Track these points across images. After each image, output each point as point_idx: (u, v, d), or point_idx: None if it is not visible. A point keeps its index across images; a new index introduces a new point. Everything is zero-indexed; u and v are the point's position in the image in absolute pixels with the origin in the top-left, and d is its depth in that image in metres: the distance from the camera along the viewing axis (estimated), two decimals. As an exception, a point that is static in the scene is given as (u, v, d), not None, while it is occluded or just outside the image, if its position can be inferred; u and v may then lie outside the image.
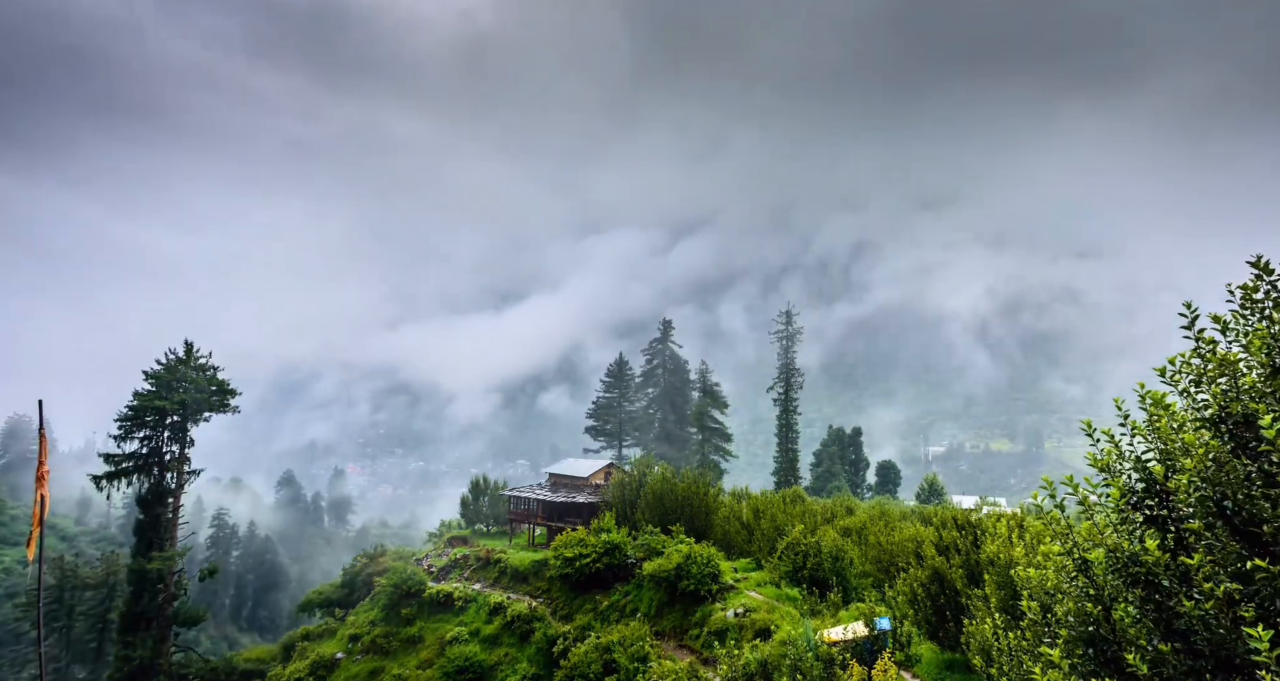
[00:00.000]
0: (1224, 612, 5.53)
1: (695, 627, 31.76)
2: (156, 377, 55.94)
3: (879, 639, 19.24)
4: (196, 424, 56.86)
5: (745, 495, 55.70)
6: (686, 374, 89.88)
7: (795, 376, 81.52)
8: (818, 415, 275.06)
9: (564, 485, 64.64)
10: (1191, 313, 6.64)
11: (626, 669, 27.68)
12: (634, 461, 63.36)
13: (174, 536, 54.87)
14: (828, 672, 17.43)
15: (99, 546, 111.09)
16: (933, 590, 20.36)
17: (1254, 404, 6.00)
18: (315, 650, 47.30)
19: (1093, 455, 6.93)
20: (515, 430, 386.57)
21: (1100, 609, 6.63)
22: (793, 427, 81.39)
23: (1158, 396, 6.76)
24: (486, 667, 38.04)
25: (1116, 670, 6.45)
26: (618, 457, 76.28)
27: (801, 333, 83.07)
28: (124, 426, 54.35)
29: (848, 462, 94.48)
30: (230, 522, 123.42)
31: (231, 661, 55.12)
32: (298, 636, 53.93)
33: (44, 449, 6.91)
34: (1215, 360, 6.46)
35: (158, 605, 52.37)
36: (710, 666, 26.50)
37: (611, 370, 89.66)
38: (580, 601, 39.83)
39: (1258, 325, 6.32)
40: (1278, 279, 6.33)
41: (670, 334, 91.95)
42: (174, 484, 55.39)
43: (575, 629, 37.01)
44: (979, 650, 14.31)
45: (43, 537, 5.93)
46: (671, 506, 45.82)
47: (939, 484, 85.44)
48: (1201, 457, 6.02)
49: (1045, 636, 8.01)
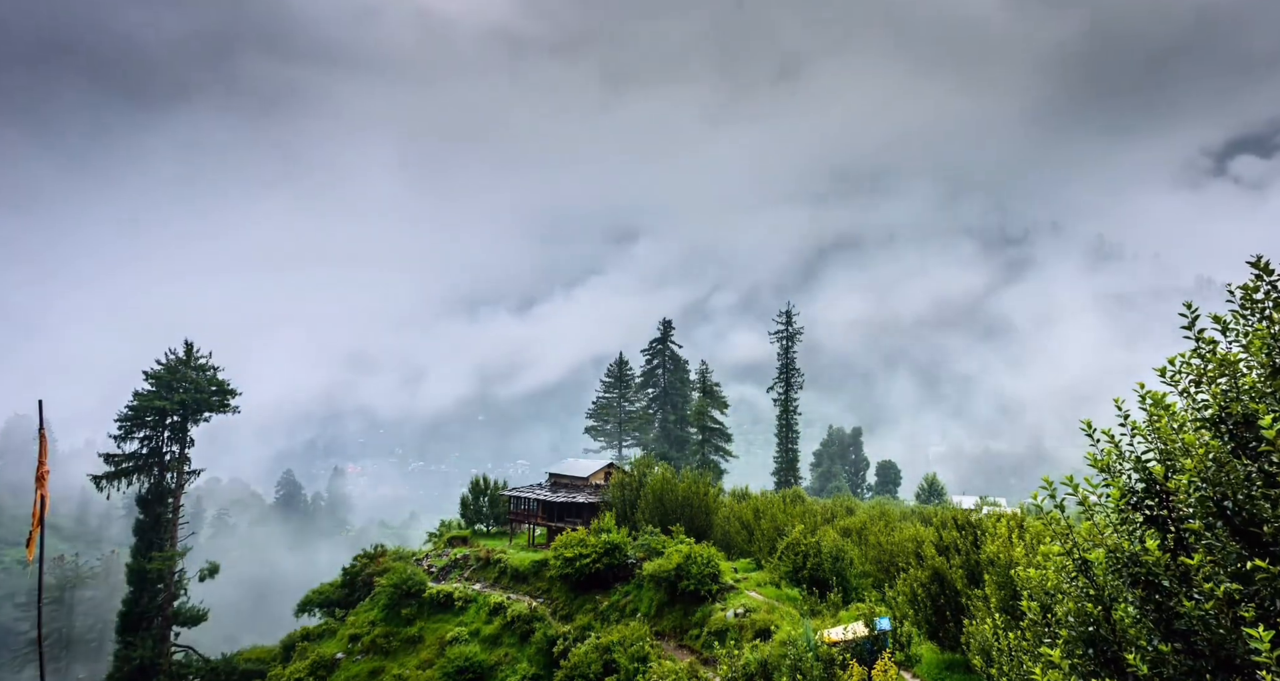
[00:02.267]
0: (1224, 612, 5.53)
1: (695, 627, 31.76)
2: (156, 377, 55.95)
3: (879, 639, 19.25)
4: (196, 424, 56.87)
5: (745, 495, 55.71)
6: (686, 374, 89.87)
7: (795, 376, 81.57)
8: (818, 415, 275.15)
9: (564, 485, 64.59)
10: (1192, 313, 6.64)
11: (626, 669, 27.68)
12: (634, 461, 63.34)
13: (174, 536, 54.89)
14: (828, 673, 17.43)
15: (99, 546, 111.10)
16: (933, 590, 20.37)
17: (1254, 404, 5.99)
18: (315, 650, 47.27)
19: (1093, 455, 6.93)
20: (515, 430, 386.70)
21: (1100, 609, 6.63)
22: (793, 427, 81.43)
23: (1158, 396, 6.75)
24: (486, 667, 38.03)
25: (1116, 670, 6.45)
26: (618, 457, 76.25)
27: (802, 332, 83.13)
28: (124, 426, 54.37)
29: (848, 462, 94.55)
30: (230, 522, 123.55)
31: (231, 661, 55.10)
32: (298, 636, 53.85)
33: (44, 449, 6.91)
34: (1215, 360, 6.46)
35: (158, 605, 52.40)
36: (710, 666, 26.50)
37: (611, 370, 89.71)
38: (580, 601, 39.82)
39: (1258, 325, 6.32)
40: (1278, 279, 6.33)
41: (670, 334, 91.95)
42: (174, 484, 55.41)
43: (575, 629, 37.00)
44: (979, 650, 14.30)
45: (43, 537, 5.92)
46: (671, 506, 45.84)
47: (939, 484, 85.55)
48: (1201, 458, 6.02)
49: (1045, 636, 8.01)
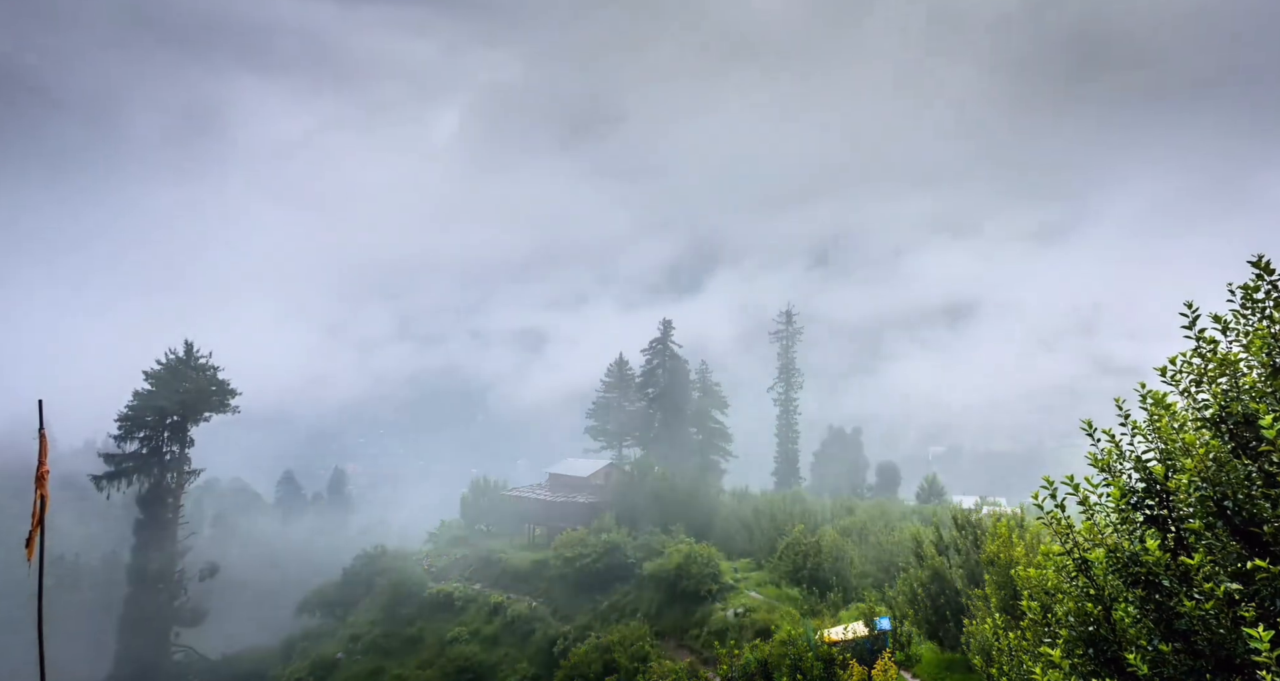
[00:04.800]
0: (1224, 612, 5.53)
1: (695, 627, 31.78)
2: (156, 377, 55.93)
3: (879, 638, 19.27)
4: (196, 424, 56.86)
5: (745, 495, 55.74)
6: (686, 374, 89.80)
7: (795, 376, 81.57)
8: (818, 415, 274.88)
9: (564, 485, 64.59)
10: (1192, 312, 6.63)
11: (626, 668, 27.69)
12: (634, 461, 63.33)
13: (174, 536, 54.89)
14: (828, 672, 17.44)
15: (99, 546, 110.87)
16: (933, 590, 20.37)
17: (1254, 404, 5.99)
18: (315, 650, 47.28)
19: (1093, 455, 6.93)
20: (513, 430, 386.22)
21: (1100, 609, 6.62)
22: (793, 427, 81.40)
23: (1158, 396, 6.75)
24: (486, 667, 38.03)
25: (1116, 670, 6.44)
26: (618, 457, 76.16)
27: (802, 332, 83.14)
28: (124, 426, 54.36)
29: (848, 462, 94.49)
30: (230, 522, 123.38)
31: (232, 661, 55.11)
32: (298, 636, 53.88)
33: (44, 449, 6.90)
34: (1216, 360, 6.46)
35: (158, 605, 52.38)
36: (710, 666, 26.51)
37: (611, 370, 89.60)
38: (580, 601, 39.83)
39: (1258, 325, 6.32)
40: (1278, 279, 6.33)
41: (670, 333, 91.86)
42: (174, 484, 55.41)
43: (575, 629, 37.02)
44: (979, 650, 14.31)
45: (43, 538, 5.91)
46: (671, 506, 45.87)
47: (939, 484, 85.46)
48: (1202, 457, 6.02)
49: (1045, 636, 8.01)
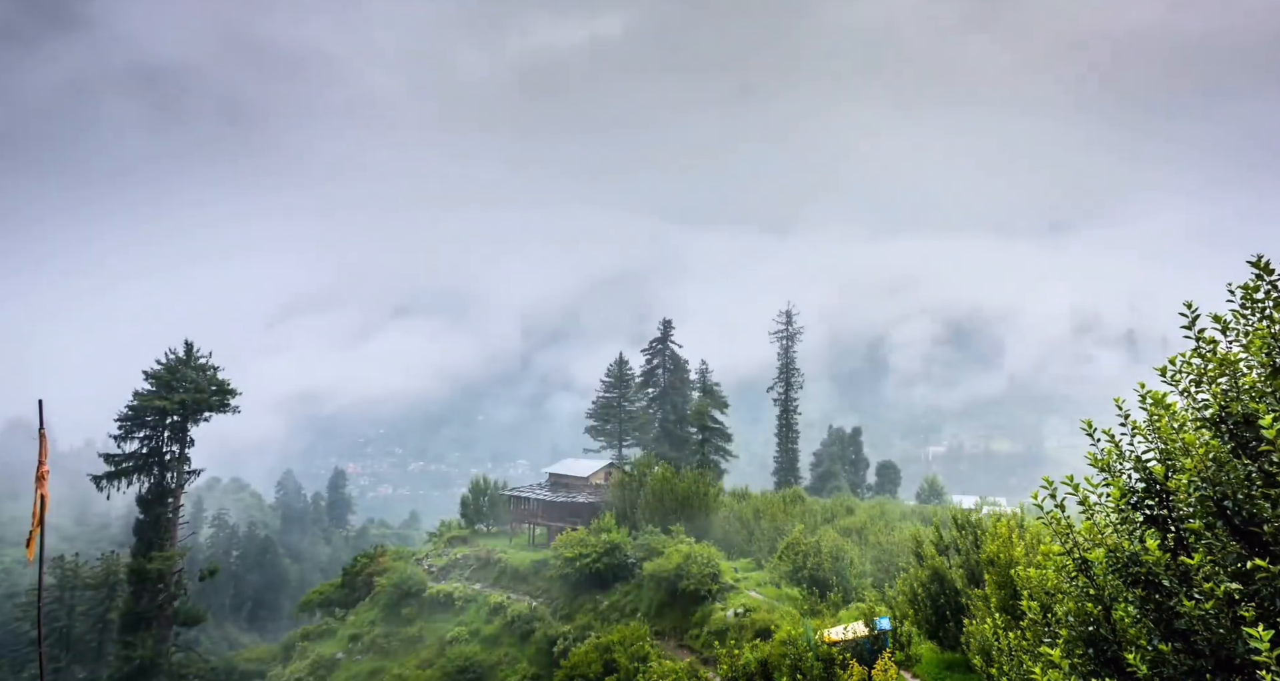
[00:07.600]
0: (1224, 612, 5.53)
1: (695, 627, 31.80)
2: (156, 377, 55.92)
3: (879, 638, 19.25)
4: (196, 424, 56.83)
5: (745, 495, 55.76)
6: (686, 374, 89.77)
7: (795, 376, 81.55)
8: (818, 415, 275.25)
9: (564, 485, 64.64)
10: (1192, 312, 6.63)
11: (626, 669, 27.68)
12: (634, 461, 63.34)
13: (174, 536, 54.89)
14: (828, 672, 17.43)
15: (99, 546, 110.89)
16: (933, 590, 20.38)
17: (1254, 404, 5.99)
18: (315, 650, 47.33)
19: (1093, 455, 6.93)
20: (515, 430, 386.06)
21: (1100, 609, 6.62)
22: (793, 427, 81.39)
23: (1158, 396, 6.75)
24: (486, 667, 38.05)
25: (1116, 670, 6.44)
26: (618, 457, 76.14)
27: (802, 332, 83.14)
28: (124, 426, 54.34)
29: (848, 462, 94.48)
30: (230, 522, 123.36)
31: (231, 661, 55.17)
32: (297, 636, 53.93)
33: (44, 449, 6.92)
34: (1216, 360, 6.46)
35: (158, 605, 52.36)
36: (710, 666, 26.52)
37: (611, 370, 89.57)
38: (580, 601, 39.85)
39: (1258, 325, 6.31)
40: (1278, 279, 6.33)
41: (670, 333, 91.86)
42: (174, 484, 55.40)
43: (575, 629, 37.04)
44: (979, 650, 14.31)
45: (43, 538, 5.91)
46: (671, 506, 45.84)
47: (939, 484, 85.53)
48: (1202, 457, 6.01)
49: (1045, 636, 8.01)
